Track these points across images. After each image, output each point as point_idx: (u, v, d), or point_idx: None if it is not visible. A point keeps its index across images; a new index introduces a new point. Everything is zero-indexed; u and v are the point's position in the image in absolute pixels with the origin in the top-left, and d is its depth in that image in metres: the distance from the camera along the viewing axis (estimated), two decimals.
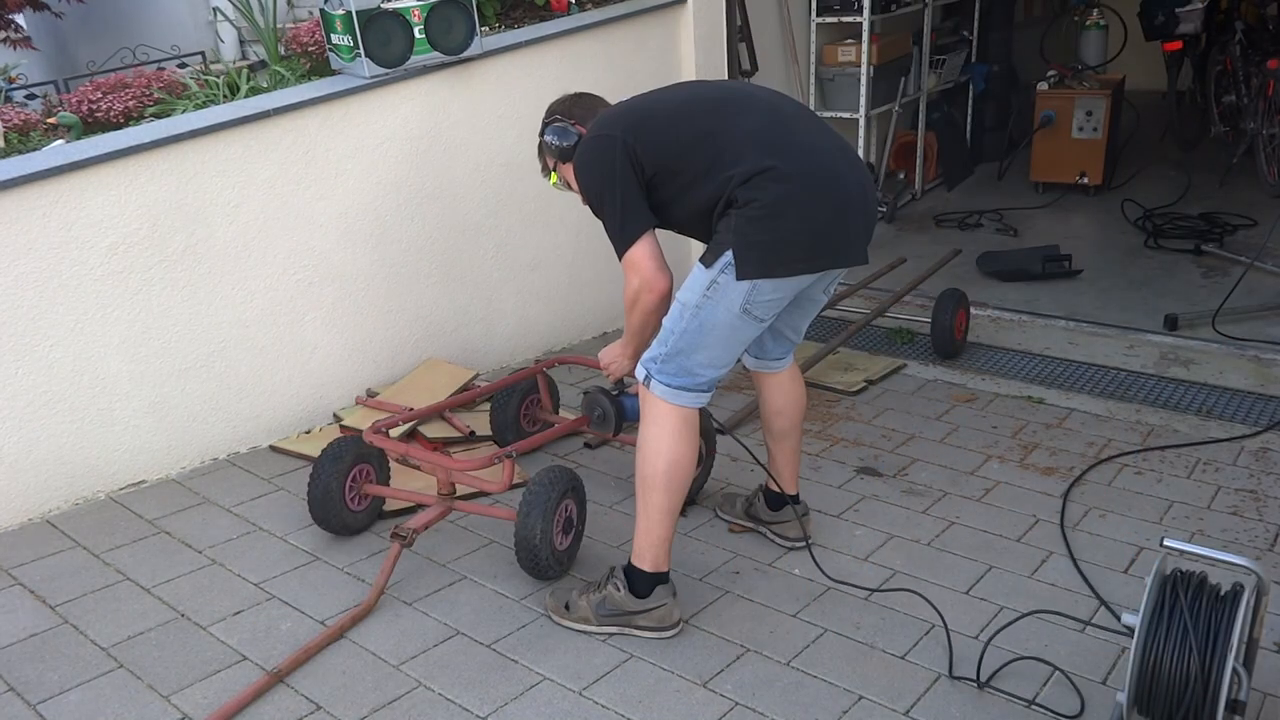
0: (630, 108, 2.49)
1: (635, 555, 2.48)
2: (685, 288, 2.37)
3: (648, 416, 2.43)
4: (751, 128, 2.33)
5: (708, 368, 2.39)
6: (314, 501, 2.89)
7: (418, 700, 2.33)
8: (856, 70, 5.45)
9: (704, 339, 2.34)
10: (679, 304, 2.38)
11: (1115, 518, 2.97)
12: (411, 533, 2.69)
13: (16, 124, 3.58)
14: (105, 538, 3.03)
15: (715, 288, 2.30)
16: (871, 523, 3.00)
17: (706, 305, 2.32)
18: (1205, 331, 4.04)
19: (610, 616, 2.51)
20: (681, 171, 2.35)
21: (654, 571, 2.47)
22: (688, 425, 2.41)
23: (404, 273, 3.83)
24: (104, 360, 3.17)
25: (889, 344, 4.34)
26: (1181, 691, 1.85)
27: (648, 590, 2.48)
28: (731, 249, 2.26)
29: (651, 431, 2.41)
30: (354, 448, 2.92)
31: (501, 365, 4.23)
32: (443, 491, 2.84)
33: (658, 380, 2.40)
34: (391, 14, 3.54)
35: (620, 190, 2.37)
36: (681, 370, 2.38)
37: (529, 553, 2.63)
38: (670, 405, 2.39)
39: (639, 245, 2.39)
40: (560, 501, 2.66)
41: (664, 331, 2.41)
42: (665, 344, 2.39)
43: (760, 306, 2.33)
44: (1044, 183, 6.18)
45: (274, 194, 3.43)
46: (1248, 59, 6.21)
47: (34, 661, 2.49)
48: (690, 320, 2.34)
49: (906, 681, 2.34)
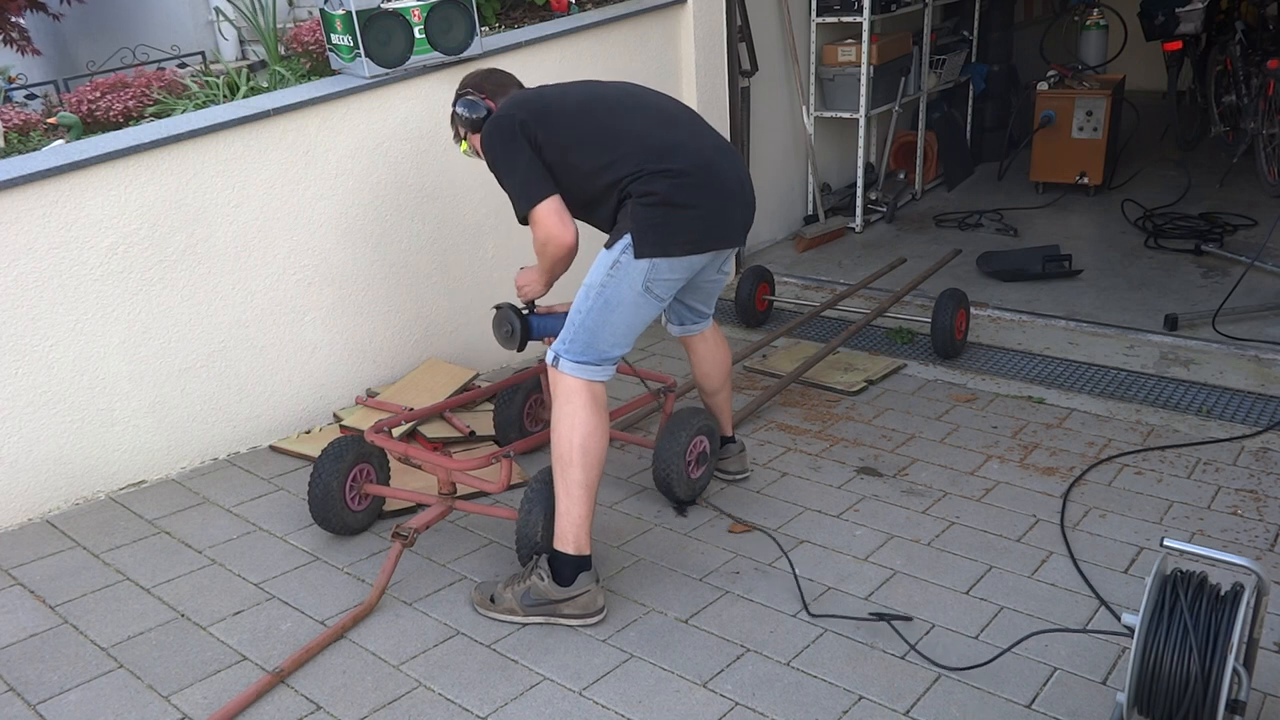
0: (536, 97, 2.69)
1: (557, 539, 2.53)
2: (590, 271, 2.60)
3: (559, 395, 2.56)
4: (645, 129, 2.59)
5: (613, 346, 2.59)
6: (314, 501, 2.89)
7: (418, 700, 2.33)
8: (856, 70, 5.45)
9: (609, 316, 2.56)
10: (585, 286, 2.59)
11: (1115, 518, 2.97)
12: (413, 532, 2.69)
13: (16, 124, 3.58)
14: (105, 538, 3.03)
15: (618, 267, 2.54)
16: (871, 523, 3.00)
17: (610, 284, 2.54)
18: (1205, 331, 4.04)
19: (535, 606, 2.54)
20: (577, 166, 2.58)
21: (576, 555, 2.51)
22: (597, 400, 2.56)
23: (404, 273, 3.83)
24: (104, 360, 3.17)
25: (889, 344, 4.33)
26: (1182, 692, 1.85)
27: (571, 577, 2.52)
28: (630, 233, 2.51)
29: (565, 409, 2.53)
30: (354, 447, 2.92)
31: (501, 365, 4.23)
32: (443, 491, 2.84)
33: (565, 359, 2.56)
34: (391, 14, 3.54)
35: (523, 162, 2.57)
36: (588, 347, 2.56)
37: (530, 551, 2.63)
38: (579, 380, 2.54)
39: (544, 204, 2.57)
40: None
41: (572, 313, 2.61)
42: (573, 324, 2.58)
43: (659, 285, 2.57)
44: (1044, 183, 6.17)
45: (274, 194, 3.43)
46: (1248, 59, 6.21)
47: (34, 661, 2.49)
48: (596, 299, 2.56)
49: (906, 681, 2.34)
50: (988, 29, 6.80)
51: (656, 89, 2.82)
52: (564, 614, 2.54)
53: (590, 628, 2.55)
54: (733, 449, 3.22)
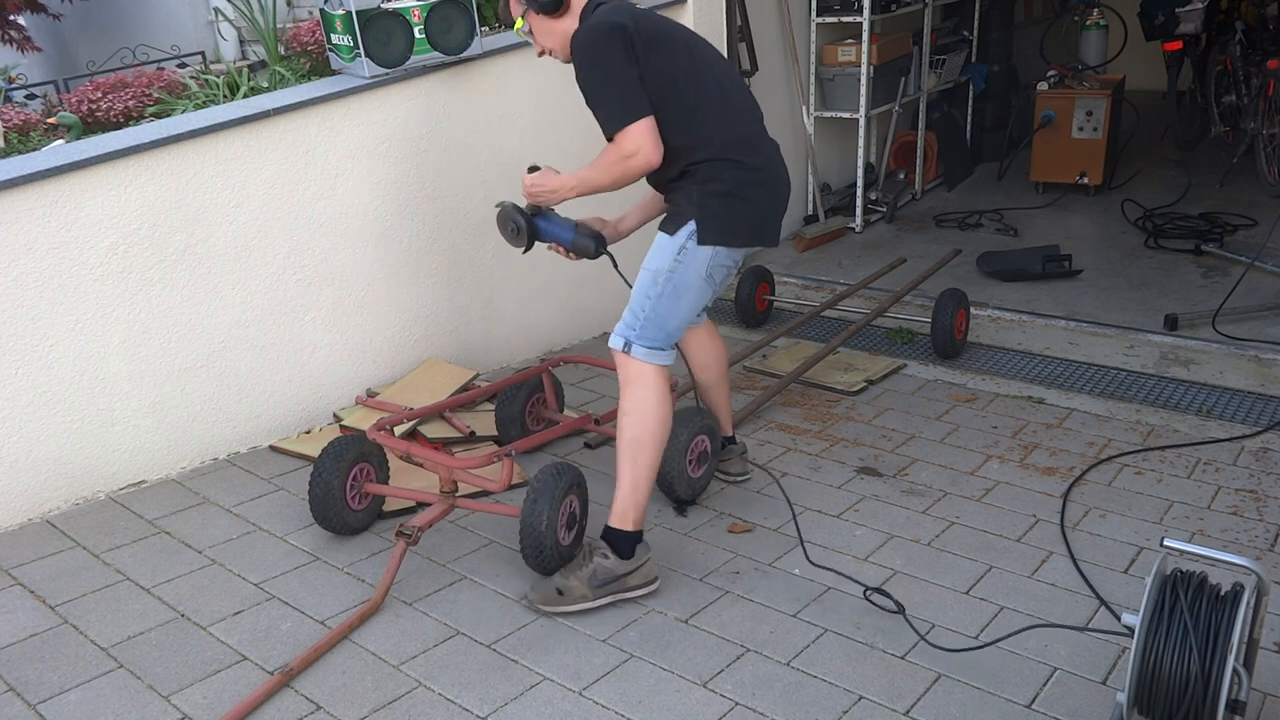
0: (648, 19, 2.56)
1: (617, 518, 2.61)
2: (651, 256, 2.63)
3: (632, 381, 2.61)
4: (731, 115, 2.60)
5: (679, 329, 2.67)
6: (315, 500, 2.89)
7: (418, 700, 2.33)
8: (856, 70, 5.45)
9: (679, 302, 2.62)
10: (650, 272, 2.62)
11: (1115, 518, 2.97)
12: (416, 530, 2.70)
13: (16, 124, 3.59)
14: (105, 538, 3.03)
15: (685, 252, 2.58)
16: (871, 523, 3.00)
17: (679, 269, 2.60)
18: (1205, 331, 4.04)
19: (604, 585, 2.60)
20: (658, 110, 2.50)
21: (635, 530, 2.62)
22: (667, 386, 2.66)
23: (404, 273, 3.83)
24: (104, 360, 3.17)
25: (889, 344, 4.33)
26: (1182, 692, 1.85)
27: (631, 550, 2.62)
28: (694, 219, 2.55)
29: (641, 395, 2.60)
30: (355, 446, 2.93)
31: (501, 365, 4.23)
32: (444, 489, 2.85)
33: (639, 345, 2.61)
34: (391, 14, 3.54)
35: (632, 75, 2.47)
36: (660, 332, 2.62)
37: (534, 542, 2.63)
38: (654, 366, 2.62)
39: (643, 120, 2.49)
40: (565, 495, 2.68)
41: (637, 300, 2.64)
42: (642, 310, 2.62)
43: (719, 271, 2.65)
44: (1044, 183, 6.17)
45: (274, 194, 3.43)
46: (1248, 59, 6.20)
47: (34, 661, 2.49)
48: (665, 284, 2.60)
49: (906, 681, 2.34)
50: (988, 29, 6.80)
51: None
52: (630, 586, 2.63)
53: (590, 629, 2.55)
54: (733, 450, 3.22)
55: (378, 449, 3.00)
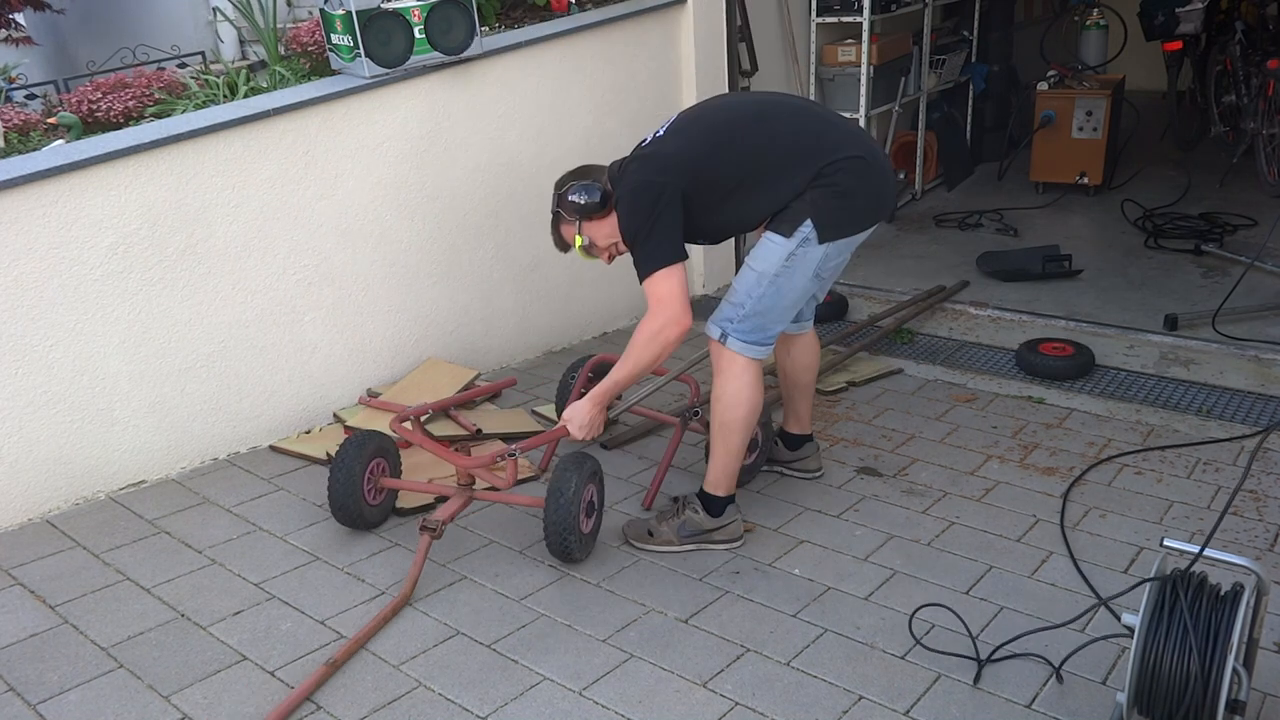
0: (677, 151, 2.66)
1: (710, 485, 2.85)
2: (759, 258, 2.68)
3: (726, 371, 2.74)
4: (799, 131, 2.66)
5: (779, 324, 2.76)
6: (336, 491, 2.90)
7: (418, 700, 2.33)
8: (856, 70, 5.45)
9: (780, 301, 2.70)
10: (755, 272, 2.67)
11: (1115, 518, 2.97)
12: (439, 524, 2.74)
13: (16, 124, 3.58)
14: (105, 538, 3.03)
15: (794, 258, 2.64)
16: (871, 523, 3.00)
17: (785, 273, 2.65)
18: (1205, 331, 4.04)
19: (691, 536, 2.85)
20: (733, 195, 2.66)
21: (727, 495, 2.87)
22: (759, 375, 2.76)
23: (404, 273, 3.83)
24: (104, 360, 3.17)
25: (889, 344, 4.33)
26: (1181, 692, 1.85)
27: (722, 510, 2.86)
28: (810, 219, 2.60)
29: (733, 385, 2.73)
30: (374, 440, 2.96)
31: (501, 365, 4.24)
32: (462, 482, 2.91)
33: (735, 338, 2.71)
34: (391, 14, 3.54)
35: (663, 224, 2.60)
36: (757, 329, 2.71)
37: (559, 531, 2.69)
38: (747, 359, 2.72)
39: (668, 279, 2.60)
40: (586, 484, 2.74)
41: (739, 295, 2.71)
42: (743, 306, 2.69)
43: (828, 269, 2.74)
44: (1044, 183, 6.17)
45: (274, 194, 3.43)
46: (1248, 59, 6.20)
47: (34, 661, 2.49)
48: (769, 287, 2.67)
49: (906, 681, 2.34)
50: (988, 29, 6.80)
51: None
52: (715, 540, 2.86)
53: (590, 629, 2.55)
54: (811, 447, 3.28)
55: (392, 445, 3.03)
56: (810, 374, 3.16)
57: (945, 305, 4.54)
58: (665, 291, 2.60)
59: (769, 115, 2.71)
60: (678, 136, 2.71)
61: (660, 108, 4.46)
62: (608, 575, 2.78)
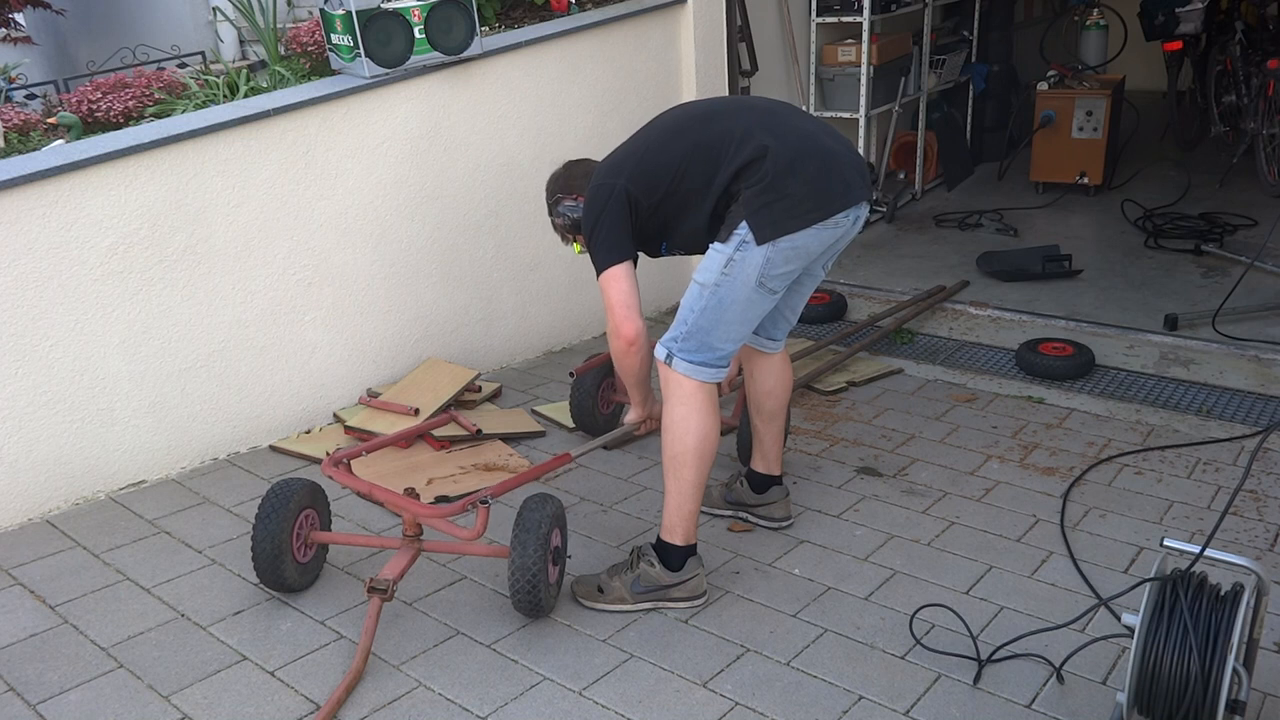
0: (627, 152, 2.62)
1: (666, 531, 2.59)
2: (702, 269, 2.48)
3: (673, 396, 2.52)
4: (734, 126, 2.47)
5: (726, 342, 2.51)
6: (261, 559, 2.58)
7: (418, 700, 2.32)
8: (856, 70, 5.45)
9: (723, 315, 2.46)
10: (697, 285, 2.49)
11: (1115, 518, 2.97)
12: (389, 584, 2.45)
13: (16, 124, 3.58)
14: (105, 538, 3.03)
15: (732, 265, 2.42)
16: (871, 523, 3.00)
17: (724, 283, 2.44)
18: (1205, 331, 4.04)
19: (646, 593, 2.60)
20: (677, 190, 2.50)
21: (685, 545, 2.59)
22: (711, 400, 2.53)
23: (404, 273, 3.83)
24: (104, 360, 3.17)
25: (889, 344, 4.33)
26: (1182, 692, 1.85)
27: (681, 563, 2.60)
28: (745, 220, 2.39)
29: (679, 411, 2.51)
30: (299, 493, 2.63)
31: (501, 365, 4.24)
32: (408, 534, 2.59)
33: (680, 358, 2.50)
34: (391, 14, 3.54)
35: (607, 225, 2.52)
36: (702, 346, 2.49)
37: (528, 587, 2.44)
38: (694, 382, 2.50)
39: (613, 282, 2.53)
40: (550, 531, 2.49)
41: (683, 311, 2.52)
42: (685, 323, 2.50)
43: (774, 279, 2.45)
44: (1044, 183, 6.17)
45: (274, 194, 3.43)
46: (1248, 59, 6.21)
47: (34, 661, 2.49)
48: (709, 299, 2.46)
49: (906, 681, 2.34)
50: (988, 29, 6.80)
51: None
52: (674, 598, 2.61)
53: (590, 629, 2.55)
54: (778, 493, 2.98)
55: (321, 492, 2.73)
56: (775, 401, 2.87)
57: (945, 305, 4.54)
58: (611, 298, 2.53)
59: (717, 115, 2.54)
60: (634, 138, 2.65)
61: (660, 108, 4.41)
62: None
